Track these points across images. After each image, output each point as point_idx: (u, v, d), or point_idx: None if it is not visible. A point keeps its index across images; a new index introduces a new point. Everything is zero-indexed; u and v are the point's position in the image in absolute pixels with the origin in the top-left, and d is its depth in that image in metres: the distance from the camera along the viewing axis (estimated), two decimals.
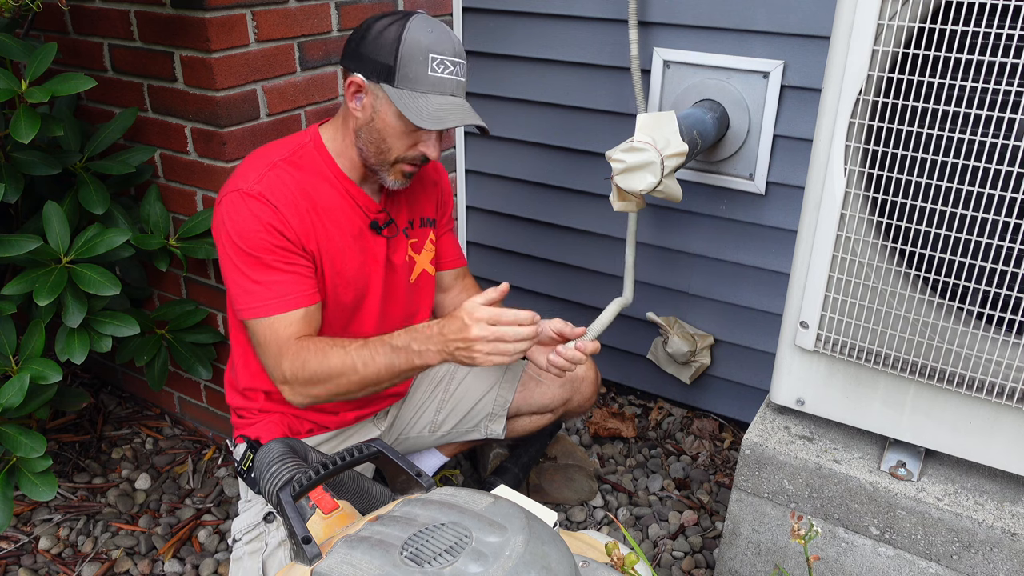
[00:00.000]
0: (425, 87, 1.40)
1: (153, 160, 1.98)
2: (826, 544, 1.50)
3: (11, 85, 1.60)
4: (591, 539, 1.11)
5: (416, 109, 1.39)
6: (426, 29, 1.40)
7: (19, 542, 1.95)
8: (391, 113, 1.43)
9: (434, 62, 1.40)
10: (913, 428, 1.40)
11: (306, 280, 1.48)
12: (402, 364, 1.40)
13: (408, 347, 1.38)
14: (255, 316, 1.45)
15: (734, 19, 1.93)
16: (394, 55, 1.39)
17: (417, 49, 1.39)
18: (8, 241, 1.67)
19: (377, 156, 1.49)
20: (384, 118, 1.44)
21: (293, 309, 1.45)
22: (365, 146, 1.49)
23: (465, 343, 1.32)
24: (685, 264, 2.25)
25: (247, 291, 1.45)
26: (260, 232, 1.43)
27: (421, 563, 0.74)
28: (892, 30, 1.19)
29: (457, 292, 1.86)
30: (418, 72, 1.39)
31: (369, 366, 1.40)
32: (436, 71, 1.40)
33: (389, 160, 1.48)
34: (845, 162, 1.29)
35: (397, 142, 1.46)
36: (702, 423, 2.40)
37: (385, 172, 1.51)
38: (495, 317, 1.32)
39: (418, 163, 1.50)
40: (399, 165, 1.49)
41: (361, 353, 1.40)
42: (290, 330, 1.44)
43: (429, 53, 1.39)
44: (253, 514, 1.53)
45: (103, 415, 2.39)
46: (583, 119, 2.26)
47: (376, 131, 1.46)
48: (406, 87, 1.40)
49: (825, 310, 1.39)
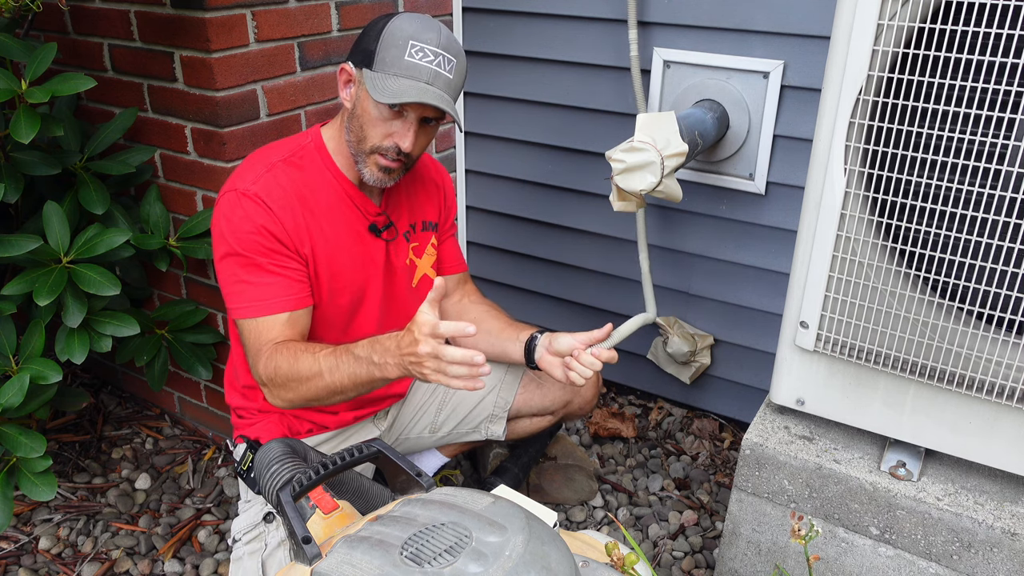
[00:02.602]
0: (398, 70, 1.39)
1: (153, 160, 1.98)
2: (826, 544, 1.50)
3: (11, 85, 1.60)
4: (591, 539, 1.11)
5: (381, 87, 1.38)
6: (415, 20, 1.41)
7: (19, 542, 1.95)
8: (368, 99, 1.42)
9: (413, 48, 1.39)
10: (913, 428, 1.40)
11: (295, 284, 1.48)
12: (363, 374, 1.35)
13: (369, 358, 1.34)
14: (242, 316, 1.46)
15: (734, 19, 1.93)
16: (376, 40, 1.40)
17: (399, 35, 1.39)
18: (8, 241, 1.67)
19: (357, 146, 1.47)
20: (363, 104, 1.43)
21: (278, 312, 1.45)
22: (350, 136, 1.48)
23: (416, 357, 1.26)
24: (685, 264, 2.25)
25: (237, 291, 1.46)
26: (253, 233, 1.43)
27: (421, 563, 0.74)
28: (892, 30, 1.19)
29: (458, 298, 1.85)
30: (395, 55, 1.39)
31: (334, 373, 1.37)
32: (413, 57, 1.39)
33: (365, 149, 1.46)
34: (845, 162, 1.29)
35: (372, 130, 1.44)
36: (702, 423, 2.40)
37: (363, 164, 1.49)
38: (439, 331, 1.23)
39: (393, 156, 1.46)
40: (374, 156, 1.46)
41: (328, 360, 1.37)
42: (272, 333, 1.44)
43: (410, 39, 1.39)
44: (253, 514, 1.53)
45: (103, 415, 2.39)
46: (583, 119, 2.26)
47: (357, 118, 1.45)
48: (381, 69, 1.39)
49: (825, 310, 1.39)
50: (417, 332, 1.24)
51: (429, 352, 1.23)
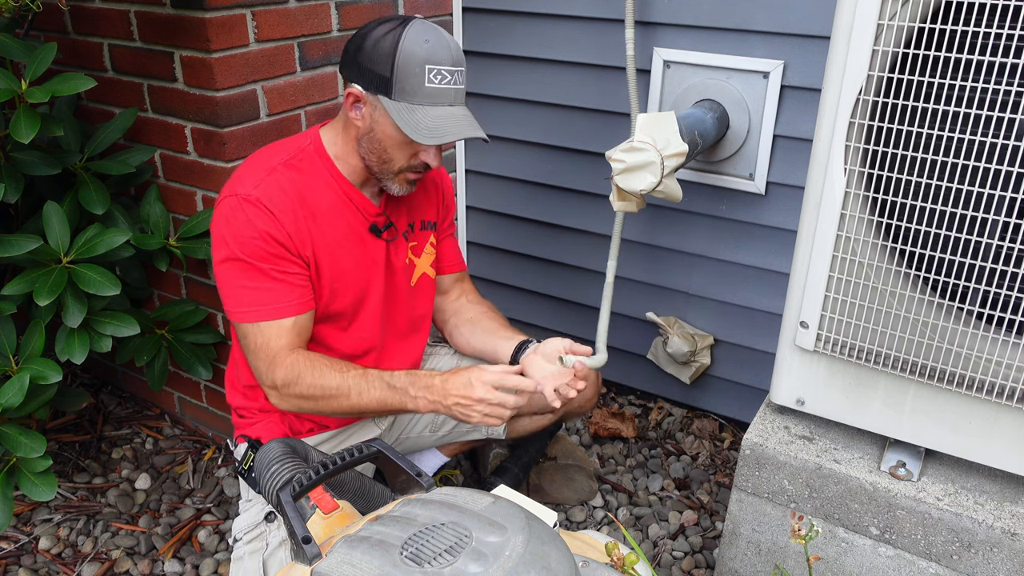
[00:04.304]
0: (422, 99, 1.39)
1: (153, 160, 1.98)
2: (826, 544, 1.50)
3: (11, 85, 1.60)
4: (591, 539, 1.11)
5: (414, 123, 1.39)
6: (422, 39, 1.38)
7: (19, 542, 1.95)
8: (390, 125, 1.42)
9: (431, 72, 1.38)
10: (913, 428, 1.40)
11: (299, 288, 1.48)
12: (394, 403, 1.47)
13: (405, 390, 1.45)
14: (246, 320, 1.46)
15: (734, 19, 1.93)
16: (391, 67, 1.38)
17: (414, 60, 1.38)
18: (8, 241, 1.67)
19: (380, 166, 1.49)
20: (384, 129, 1.44)
21: (284, 317, 1.46)
22: (367, 155, 1.49)
23: (467, 400, 1.41)
24: (685, 264, 2.25)
25: (240, 295, 1.46)
26: (256, 239, 1.43)
27: (421, 563, 0.74)
28: (892, 30, 1.19)
29: (456, 296, 1.86)
30: (415, 84, 1.38)
31: (363, 396, 1.46)
32: (433, 82, 1.39)
33: (393, 170, 1.49)
34: (845, 162, 1.29)
35: (398, 153, 1.46)
36: (702, 423, 2.40)
37: (390, 181, 1.52)
38: (499, 381, 1.42)
39: (421, 170, 1.51)
40: (403, 174, 1.50)
41: (358, 382, 1.46)
42: (281, 339, 1.46)
43: (426, 64, 1.38)
44: (254, 513, 1.53)
45: (103, 415, 2.39)
46: (583, 119, 2.26)
47: (377, 141, 1.46)
48: (403, 99, 1.39)
49: (825, 310, 1.39)
50: (474, 379, 1.41)
51: (486, 399, 1.41)
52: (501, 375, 1.42)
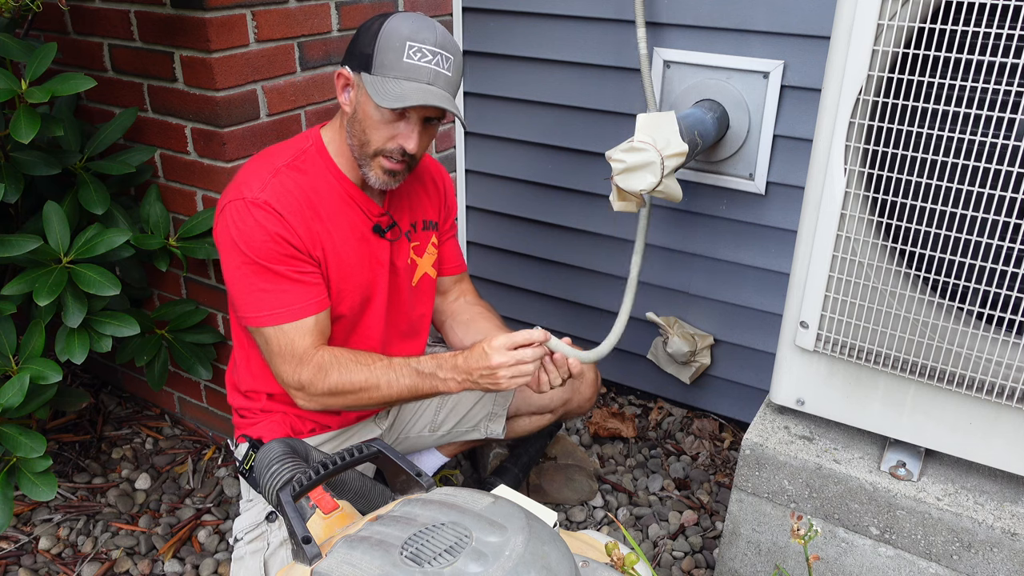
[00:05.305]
0: (398, 72, 1.38)
1: (153, 160, 1.98)
2: (826, 544, 1.50)
3: (11, 85, 1.60)
4: (591, 539, 1.11)
5: (383, 92, 1.38)
6: (409, 20, 1.40)
7: (19, 542, 1.95)
8: (369, 103, 1.41)
9: (411, 49, 1.38)
10: (913, 428, 1.40)
11: (315, 287, 1.48)
12: (425, 388, 1.48)
13: (434, 374, 1.47)
14: (267, 324, 1.46)
15: (734, 19, 1.93)
16: (374, 44, 1.39)
17: (395, 36, 1.38)
18: (8, 241, 1.67)
19: (360, 149, 1.48)
20: (364, 108, 1.43)
21: (305, 317, 1.46)
22: (352, 140, 1.48)
23: (489, 370, 1.42)
24: (685, 264, 2.25)
25: (256, 299, 1.45)
26: (268, 242, 1.43)
27: (421, 563, 0.74)
28: (892, 30, 1.19)
29: (455, 297, 1.86)
30: (393, 58, 1.38)
31: (393, 386, 1.47)
32: (412, 58, 1.38)
33: (369, 152, 1.47)
34: (845, 162, 1.29)
35: (375, 133, 1.44)
36: (702, 423, 2.40)
37: (367, 167, 1.49)
38: (508, 343, 1.42)
39: (398, 157, 1.47)
40: (379, 159, 1.47)
41: (387, 373, 1.47)
42: (306, 340, 1.46)
43: (407, 41, 1.38)
44: (255, 513, 1.53)
45: (103, 415, 2.39)
46: (583, 119, 2.26)
47: (358, 122, 1.45)
48: (380, 73, 1.39)
49: (825, 310, 1.39)
50: (487, 347, 1.42)
51: (504, 362, 1.41)
52: (508, 336, 1.43)
